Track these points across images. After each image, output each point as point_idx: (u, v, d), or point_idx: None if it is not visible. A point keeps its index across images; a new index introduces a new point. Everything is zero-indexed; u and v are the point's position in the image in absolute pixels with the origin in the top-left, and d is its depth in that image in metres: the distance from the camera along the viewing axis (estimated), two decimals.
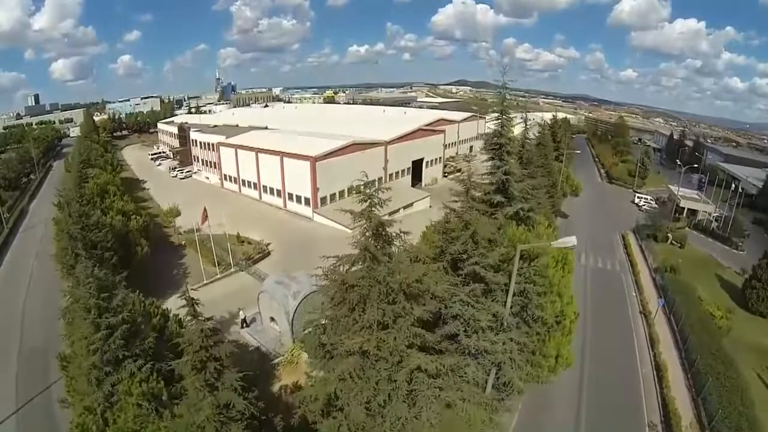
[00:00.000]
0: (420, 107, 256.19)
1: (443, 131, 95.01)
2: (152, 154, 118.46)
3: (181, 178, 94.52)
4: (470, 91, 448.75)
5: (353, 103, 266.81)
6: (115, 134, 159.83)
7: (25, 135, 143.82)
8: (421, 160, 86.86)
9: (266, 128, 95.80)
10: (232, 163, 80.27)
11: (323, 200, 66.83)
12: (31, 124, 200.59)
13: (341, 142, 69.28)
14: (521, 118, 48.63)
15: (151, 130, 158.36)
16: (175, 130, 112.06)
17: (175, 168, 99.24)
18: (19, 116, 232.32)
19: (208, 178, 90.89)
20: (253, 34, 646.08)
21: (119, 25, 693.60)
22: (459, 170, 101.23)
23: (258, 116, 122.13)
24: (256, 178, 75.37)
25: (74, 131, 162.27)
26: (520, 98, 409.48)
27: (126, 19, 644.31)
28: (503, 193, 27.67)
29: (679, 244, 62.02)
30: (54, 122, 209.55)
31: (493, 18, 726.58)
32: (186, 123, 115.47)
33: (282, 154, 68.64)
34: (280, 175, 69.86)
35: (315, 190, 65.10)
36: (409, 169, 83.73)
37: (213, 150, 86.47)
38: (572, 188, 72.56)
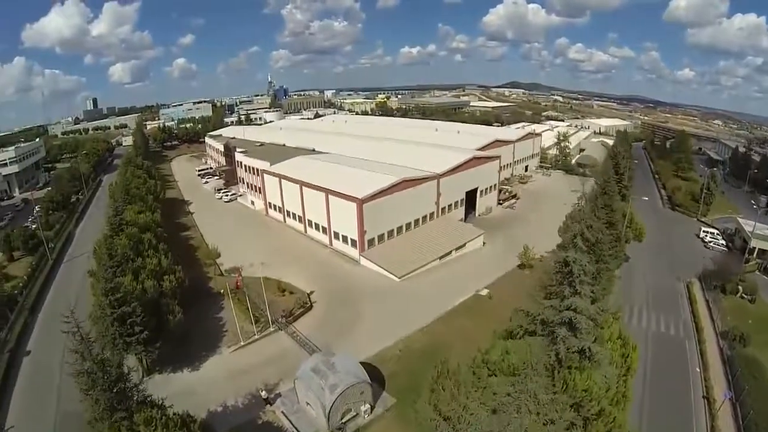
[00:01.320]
0: (473, 113, 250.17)
1: (498, 157, 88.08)
2: (199, 170, 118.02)
3: (225, 201, 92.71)
4: (523, 93, 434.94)
5: (406, 109, 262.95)
6: (165, 144, 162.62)
7: (79, 145, 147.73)
8: (475, 189, 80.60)
9: (313, 150, 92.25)
10: (277, 192, 76.96)
11: (371, 242, 62.07)
12: (88, 130, 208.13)
13: (390, 180, 64.16)
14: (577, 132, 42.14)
15: (200, 140, 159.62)
16: (221, 147, 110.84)
17: (221, 189, 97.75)
18: (77, 120, 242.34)
19: (253, 203, 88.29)
20: (304, 37, 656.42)
21: (174, 30, 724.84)
22: (515, 196, 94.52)
23: (306, 133, 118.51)
24: (301, 211, 71.59)
25: (126, 140, 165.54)
26: (574, 101, 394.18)
27: (180, 23, 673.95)
28: (569, 326, 22.37)
29: (749, 298, 54.60)
30: (109, 128, 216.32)
31: (545, 18, 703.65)
32: (233, 138, 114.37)
33: (327, 192, 64.28)
34: (325, 212, 65.64)
35: (362, 232, 60.45)
36: (462, 200, 77.69)
37: (258, 175, 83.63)
38: (636, 233, 64.23)
